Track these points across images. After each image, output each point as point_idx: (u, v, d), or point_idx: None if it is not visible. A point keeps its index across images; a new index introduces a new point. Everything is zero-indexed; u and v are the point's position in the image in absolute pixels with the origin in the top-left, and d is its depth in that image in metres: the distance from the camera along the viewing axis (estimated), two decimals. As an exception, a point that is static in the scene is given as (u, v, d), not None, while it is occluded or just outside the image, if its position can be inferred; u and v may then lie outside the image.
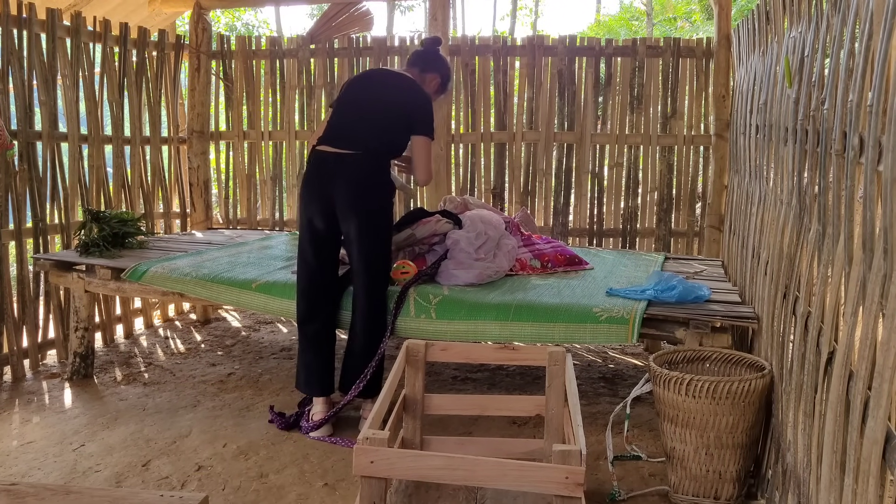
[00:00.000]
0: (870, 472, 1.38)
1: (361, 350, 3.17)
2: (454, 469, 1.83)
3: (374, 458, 1.83)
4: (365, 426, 1.93)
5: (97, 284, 3.87)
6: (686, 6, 16.15)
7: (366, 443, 1.84)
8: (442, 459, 1.87)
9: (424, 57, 3.47)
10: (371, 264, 3.16)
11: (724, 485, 2.52)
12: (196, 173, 5.41)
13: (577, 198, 5.25)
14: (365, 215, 3.13)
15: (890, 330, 1.31)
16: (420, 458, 1.91)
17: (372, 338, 3.16)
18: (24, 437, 3.23)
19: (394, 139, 3.25)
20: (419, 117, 3.21)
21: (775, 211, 2.66)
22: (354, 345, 3.22)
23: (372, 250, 3.16)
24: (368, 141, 3.16)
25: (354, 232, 3.13)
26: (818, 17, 2.17)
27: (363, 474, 1.84)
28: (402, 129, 3.22)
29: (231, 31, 15.35)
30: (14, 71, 3.99)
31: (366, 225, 3.13)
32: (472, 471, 1.82)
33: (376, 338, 3.16)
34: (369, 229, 3.14)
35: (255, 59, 5.54)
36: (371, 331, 3.17)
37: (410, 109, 3.21)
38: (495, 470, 1.82)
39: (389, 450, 1.88)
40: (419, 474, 1.89)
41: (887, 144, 1.34)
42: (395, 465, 1.85)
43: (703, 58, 4.98)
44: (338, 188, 3.13)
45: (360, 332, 3.19)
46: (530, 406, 2.67)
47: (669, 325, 3.00)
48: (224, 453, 3.05)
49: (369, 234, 3.14)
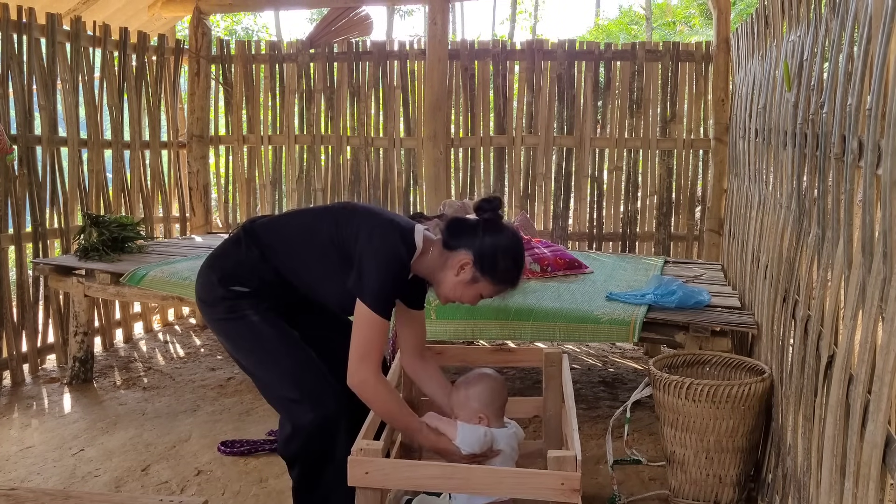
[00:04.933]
0: (870, 476, 1.38)
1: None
2: (449, 478, 1.82)
3: (368, 469, 1.81)
4: (359, 437, 1.91)
5: (97, 289, 3.86)
6: (685, 10, 16.18)
7: (360, 454, 1.83)
8: (437, 468, 1.86)
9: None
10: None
11: (725, 489, 2.52)
12: (195, 177, 5.41)
13: (577, 202, 5.25)
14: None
15: (889, 333, 1.31)
16: (415, 467, 1.90)
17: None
18: (24, 442, 3.22)
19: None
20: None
21: (775, 214, 2.66)
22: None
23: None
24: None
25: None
26: (817, 21, 2.17)
27: (358, 485, 1.83)
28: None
29: (231, 36, 15.36)
30: (14, 75, 4.00)
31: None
32: (468, 479, 1.81)
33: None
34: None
35: (255, 64, 5.54)
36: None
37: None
38: (490, 477, 1.81)
39: (384, 460, 1.86)
40: (415, 484, 1.87)
41: (886, 148, 1.34)
42: (390, 475, 1.84)
43: (703, 61, 4.99)
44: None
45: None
46: (528, 408, 2.66)
47: (669, 329, 3.00)
48: (223, 458, 3.05)
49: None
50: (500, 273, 2.11)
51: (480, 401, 2.16)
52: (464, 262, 2.09)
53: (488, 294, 2.16)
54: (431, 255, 2.14)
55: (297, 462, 2.22)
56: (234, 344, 2.24)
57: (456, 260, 2.10)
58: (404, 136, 5.38)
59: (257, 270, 2.20)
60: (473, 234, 2.11)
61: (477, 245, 2.09)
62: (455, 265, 2.10)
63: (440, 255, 2.14)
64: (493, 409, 2.17)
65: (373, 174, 5.42)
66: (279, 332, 2.20)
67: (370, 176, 5.42)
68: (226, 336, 2.24)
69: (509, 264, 2.11)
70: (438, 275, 2.15)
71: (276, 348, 2.18)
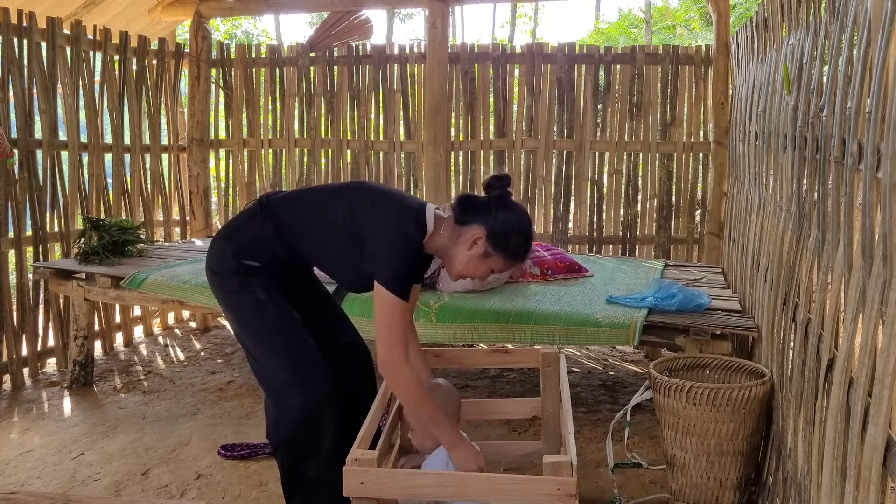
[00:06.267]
0: (870, 479, 1.38)
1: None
2: (445, 486, 1.82)
3: (363, 479, 1.81)
4: (353, 447, 1.90)
5: (97, 292, 3.86)
6: (685, 14, 16.18)
7: (355, 464, 1.82)
8: (432, 477, 1.86)
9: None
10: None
11: (725, 492, 2.51)
12: (196, 181, 5.41)
13: (577, 205, 5.25)
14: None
15: (890, 336, 1.31)
16: (410, 476, 1.90)
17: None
18: (24, 446, 3.22)
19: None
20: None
21: (775, 218, 2.66)
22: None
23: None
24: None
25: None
26: (816, 25, 2.17)
27: (354, 495, 1.82)
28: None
29: (231, 40, 15.39)
30: (14, 79, 4.00)
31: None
32: (464, 486, 1.81)
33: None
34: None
35: (255, 68, 5.55)
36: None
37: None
38: (486, 485, 1.81)
39: (379, 470, 1.86)
40: (410, 493, 1.87)
41: (886, 151, 1.35)
42: (386, 484, 1.83)
43: (702, 65, 4.99)
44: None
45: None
46: (526, 409, 2.66)
47: (669, 333, 3.00)
48: (224, 462, 3.05)
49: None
50: (512, 248, 2.14)
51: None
52: (477, 236, 2.12)
53: (499, 269, 2.20)
54: (443, 233, 2.17)
55: (283, 449, 2.25)
56: (239, 319, 2.28)
57: (469, 235, 2.13)
58: (404, 139, 5.38)
59: (270, 245, 2.24)
60: (486, 209, 2.14)
61: (490, 221, 2.12)
62: (468, 240, 2.13)
63: (452, 232, 2.16)
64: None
65: (373, 178, 5.43)
66: (283, 316, 2.23)
67: (370, 179, 5.42)
68: (232, 310, 2.28)
69: (520, 240, 2.15)
70: (451, 251, 2.18)
71: (277, 330, 2.22)
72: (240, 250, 2.24)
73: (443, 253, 2.21)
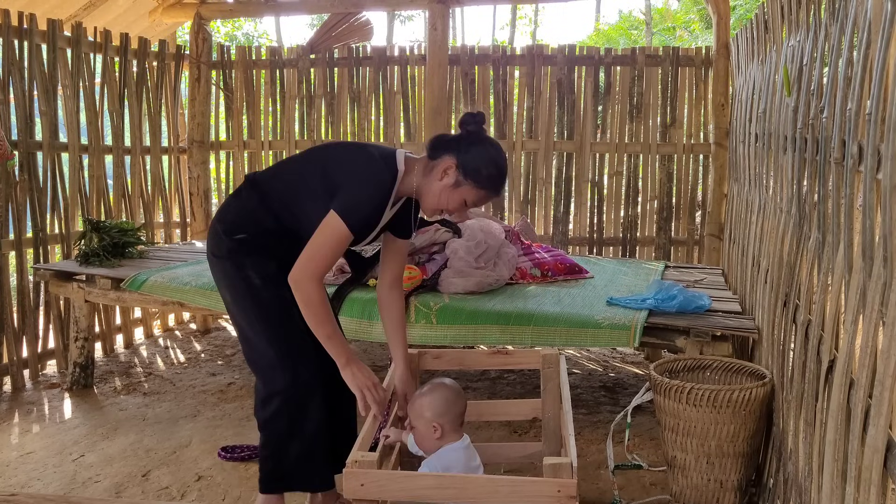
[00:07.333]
0: (871, 481, 1.38)
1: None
2: (445, 488, 1.81)
3: (363, 482, 1.81)
4: (353, 449, 1.90)
5: (97, 294, 3.86)
6: (685, 15, 16.19)
7: (354, 466, 1.83)
8: (432, 479, 1.86)
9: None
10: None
11: (726, 494, 2.51)
12: (196, 183, 5.42)
13: (577, 206, 5.26)
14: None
15: (890, 338, 1.31)
16: (410, 478, 1.90)
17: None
18: (24, 448, 3.22)
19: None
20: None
21: (775, 219, 2.66)
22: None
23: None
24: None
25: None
26: (816, 26, 2.17)
27: (353, 497, 1.82)
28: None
29: (231, 42, 15.40)
30: (15, 81, 4.00)
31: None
32: (464, 489, 1.80)
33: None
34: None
35: (255, 69, 5.55)
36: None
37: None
38: (486, 487, 1.81)
39: (379, 472, 1.86)
40: (410, 495, 1.86)
41: (886, 152, 1.35)
42: (386, 487, 1.83)
43: (702, 66, 5.00)
44: None
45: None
46: (527, 410, 2.65)
47: (670, 334, 3.00)
48: (224, 463, 3.04)
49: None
50: (483, 178, 2.16)
51: (434, 410, 2.15)
52: (447, 165, 2.16)
53: (472, 201, 2.21)
54: (416, 172, 2.22)
55: (267, 426, 2.32)
56: (235, 300, 2.34)
57: (440, 166, 2.17)
58: (404, 141, 5.38)
59: (256, 216, 2.32)
60: (457, 142, 2.19)
61: (461, 151, 2.16)
62: (439, 171, 2.17)
63: (424, 168, 2.22)
64: (447, 418, 2.16)
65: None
66: (276, 301, 2.29)
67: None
68: (229, 291, 2.35)
69: (492, 170, 2.17)
70: (423, 186, 2.21)
71: (268, 314, 2.29)
72: (230, 228, 2.33)
73: (417, 191, 2.23)
